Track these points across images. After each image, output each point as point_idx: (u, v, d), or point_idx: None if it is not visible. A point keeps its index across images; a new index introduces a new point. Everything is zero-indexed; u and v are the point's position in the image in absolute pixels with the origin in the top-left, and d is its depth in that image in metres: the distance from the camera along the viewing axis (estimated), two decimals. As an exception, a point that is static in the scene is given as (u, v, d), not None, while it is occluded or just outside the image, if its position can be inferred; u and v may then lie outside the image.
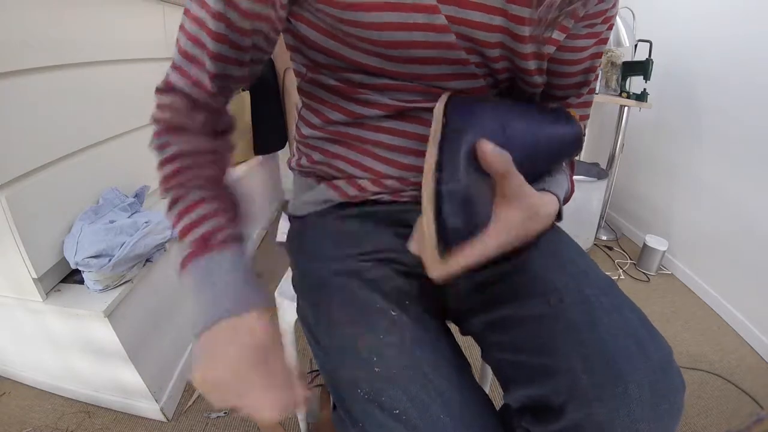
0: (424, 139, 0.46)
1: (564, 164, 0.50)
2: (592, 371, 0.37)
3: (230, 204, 0.42)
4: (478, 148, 0.34)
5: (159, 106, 0.42)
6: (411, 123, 0.46)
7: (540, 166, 0.45)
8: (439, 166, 0.34)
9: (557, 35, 0.44)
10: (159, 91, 0.42)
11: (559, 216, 0.45)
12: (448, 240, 0.34)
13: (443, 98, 0.41)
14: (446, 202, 0.33)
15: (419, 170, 0.46)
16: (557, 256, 0.46)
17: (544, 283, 0.43)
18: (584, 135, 0.53)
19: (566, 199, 0.49)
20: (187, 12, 0.39)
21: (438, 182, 0.34)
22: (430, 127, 0.44)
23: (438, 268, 0.35)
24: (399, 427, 0.37)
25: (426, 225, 0.34)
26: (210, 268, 0.38)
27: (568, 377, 0.38)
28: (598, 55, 0.50)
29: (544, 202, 0.40)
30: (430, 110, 0.45)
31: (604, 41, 0.49)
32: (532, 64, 0.43)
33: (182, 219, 0.40)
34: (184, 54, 0.40)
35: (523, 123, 0.42)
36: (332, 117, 0.48)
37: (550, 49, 0.44)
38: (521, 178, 0.36)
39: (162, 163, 0.42)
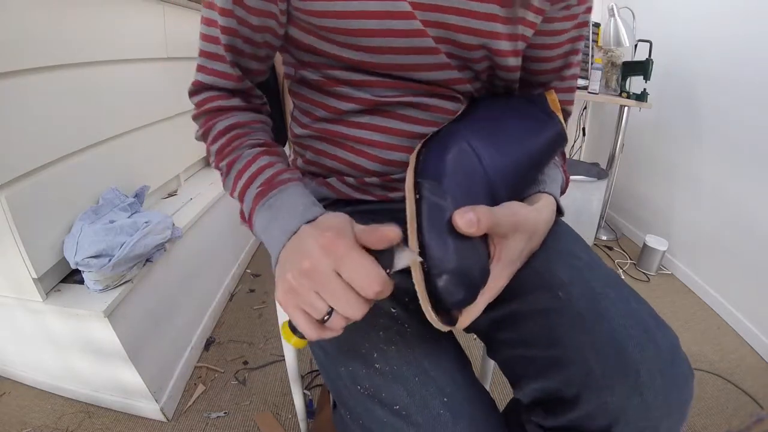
0: (401, 134, 0.47)
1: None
2: (603, 360, 0.36)
3: (284, 157, 0.45)
4: (455, 224, 0.33)
5: (196, 105, 0.46)
6: (387, 118, 0.47)
7: (530, 175, 0.45)
8: (424, 254, 0.32)
9: (533, 17, 0.45)
10: (191, 93, 0.47)
11: (559, 212, 0.46)
12: (451, 312, 0.34)
13: (412, 161, 0.40)
14: (441, 288, 0.32)
15: (401, 165, 0.47)
16: (561, 251, 0.46)
17: (549, 277, 0.43)
18: (572, 124, 0.54)
19: (563, 191, 0.50)
20: (202, 18, 0.43)
21: (427, 273, 0.32)
22: (405, 122, 0.46)
23: (449, 329, 0.35)
24: (399, 423, 0.37)
25: (424, 308, 0.33)
26: (280, 199, 0.39)
27: (579, 368, 0.37)
28: (579, 38, 0.50)
29: (542, 216, 0.41)
30: (405, 104, 0.46)
31: (584, 24, 0.50)
32: (505, 45, 0.44)
33: (243, 175, 0.41)
34: (205, 54, 0.44)
35: (501, 146, 0.41)
36: (317, 114, 0.50)
37: (527, 32, 0.45)
38: (511, 210, 0.37)
39: (213, 141, 0.45)
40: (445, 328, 0.34)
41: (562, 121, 0.47)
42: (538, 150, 0.44)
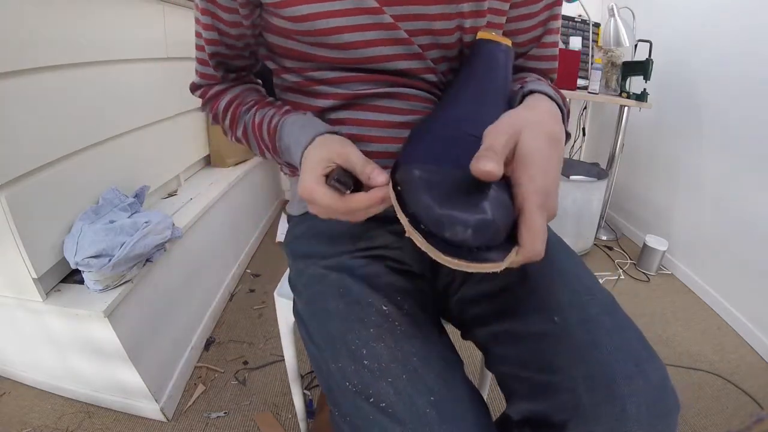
0: (378, 124, 0.48)
1: (537, 81, 0.47)
2: (593, 391, 0.37)
3: (271, 102, 0.52)
4: (479, 176, 0.31)
5: (200, 97, 0.54)
6: (363, 111, 0.48)
7: (497, 95, 0.42)
8: (417, 222, 0.32)
9: None
10: (192, 90, 0.55)
11: (562, 113, 0.42)
12: (494, 248, 0.31)
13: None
14: (452, 239, 0.30)
15: (380, 156, 0.48)
16: (561, 271, 0.47)
17: (548, 299, 0.44)
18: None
19: (567, 111, 0.45)
20: (195, 32, 0.49)
21: (430, 233, 0.31)
22: (382, 113, 0.48)
23: (497, 266, 0.31)
24: (385, 421, 0.37)
25: (443, 261, 0.31)
26: (283, 132, 0.45)
27: (569, 396, 0.38)
28: (557, 3, 0.51)
29: (527, 109, 0.38)
30: (381, 96, 0.47)
31: None
32: (470, 22, 0.45)
33: (256, 134, 0.49)
34: (198, 60, 0.52)
35: (451, 96, 0.43)
36: None
37: (501, 5, 0.46)
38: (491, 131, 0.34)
39: (222, 120, 0.53)
40: (493, 266, 0.31)
41: (499, 41, 0.44)
42: (487, 78, 0.43)
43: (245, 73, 0.56)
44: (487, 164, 0.30)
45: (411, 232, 0.32)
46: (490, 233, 0.31)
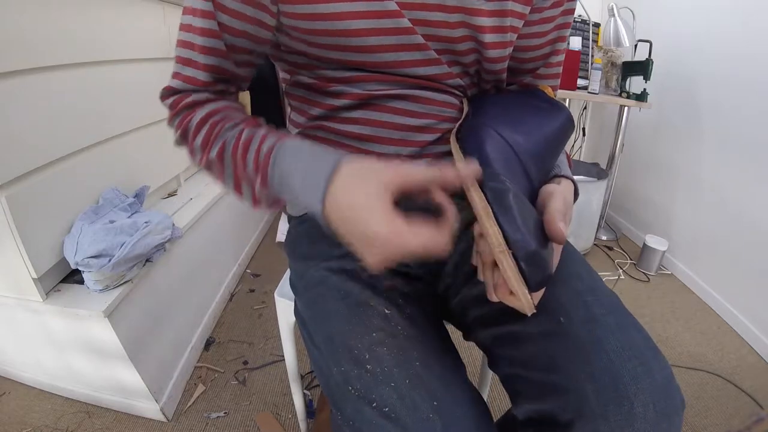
0: (392, 126, 0.47)
1: None
2: (599, 390, 0.37)
3: (262, 124, 0.43)
4: (551, 229, 0.37)
5: (170, 106, 0.45)
6: (378, 112, 0.47)
7: (553, 159, 0.48)
8: (507, 241, 0.35)
9: (521, 8, 0.46)
10: (163, 97, 0.46)
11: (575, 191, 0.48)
12: (536, 287, 0.36)
13: (456, 152, 0.42)
14: (528, 268, 0.34)
15: (391, 158, 0.48)
16: (564, 272, 0.47)
17: (551, 299, 0.43)
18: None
19: (576, 190, 0.51)
20: (180, 25, 0.42)
21: (516, 256, 0.34)
22: (397, 115, 0.47)
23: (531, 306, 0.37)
24: (389, 426, 0.37)
25: (521, 292, 0.35)
26: (284, 158, 0.37)
27: (575, 395, 0.38)
28: (565, 25, 0.52)
29: (564, 188, 0.44)
30: (396, 97, 0.47)
31: (571, 12, 0.52)
32: (491, 37, 0.45)
33: (236, 155, 0.40)
34: (181, 60, 0.43)
35: (525, 134, 0.44)
36: (312, 113, 0.50)
37: (517, 23, 0.47)
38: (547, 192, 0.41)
39: (194, 136, 0.43)
40: (532, 310, 0.36)
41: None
42: (554, 134, 0.47)
43: (234, 89, 0.48)
44: (565, 229, 0.37)
45: (504, 253, 0.35)
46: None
